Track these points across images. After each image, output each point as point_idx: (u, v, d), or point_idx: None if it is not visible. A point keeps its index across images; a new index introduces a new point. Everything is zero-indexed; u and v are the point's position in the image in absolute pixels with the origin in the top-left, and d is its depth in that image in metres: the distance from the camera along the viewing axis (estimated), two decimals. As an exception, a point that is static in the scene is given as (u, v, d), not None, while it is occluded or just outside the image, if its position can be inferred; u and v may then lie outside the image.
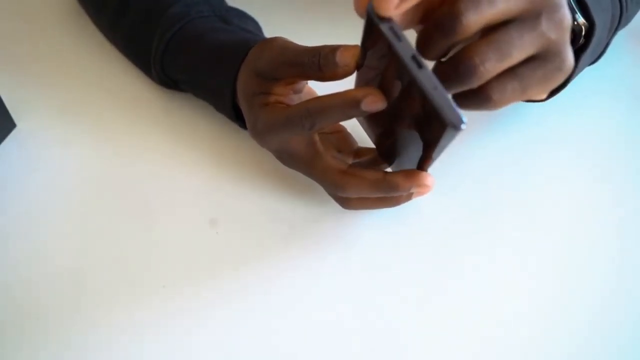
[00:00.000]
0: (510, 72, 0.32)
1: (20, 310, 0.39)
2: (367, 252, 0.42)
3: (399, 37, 0.32)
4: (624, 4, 0.45)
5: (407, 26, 0.35)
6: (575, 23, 0.40)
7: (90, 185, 0.46)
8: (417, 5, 0.33)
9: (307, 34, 0.43)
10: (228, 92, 0.44)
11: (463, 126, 0.31)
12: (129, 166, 0.47)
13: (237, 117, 0.46)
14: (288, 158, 0.42)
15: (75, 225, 0.43)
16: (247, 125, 0.42)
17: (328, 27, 0.57)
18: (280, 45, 0.40)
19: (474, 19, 0.30)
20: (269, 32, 0.49)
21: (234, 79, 0.43)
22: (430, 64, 0.32)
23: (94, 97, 0.52)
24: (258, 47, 0.42)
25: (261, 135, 0.41)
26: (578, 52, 0.42)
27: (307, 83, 0.43)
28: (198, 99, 0.50)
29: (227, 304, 0.40)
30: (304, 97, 0.43)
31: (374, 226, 0.43)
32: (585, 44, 0.42)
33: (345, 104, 0.36)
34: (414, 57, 0.31)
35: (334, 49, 0.37)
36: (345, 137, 0.45)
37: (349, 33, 0.37)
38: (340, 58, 0.36)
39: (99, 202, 0.45)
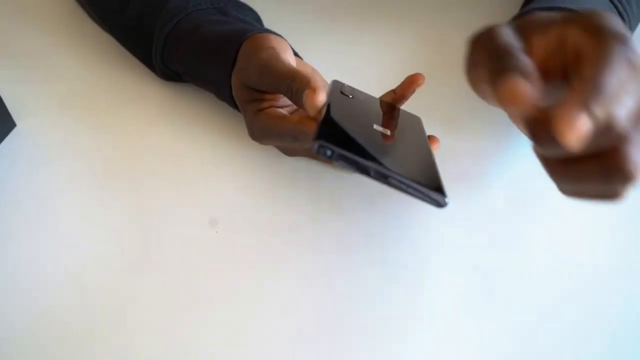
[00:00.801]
0: None
1: (20, 310, 0.39)
2: (367, 251, 0.42)
3: (357, 163, 0.34)
4: (627, 23, 0.45)
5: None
6: None
7: (90, 186, 0.46)
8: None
9: (308, 31, 0.43)
10: (227, 81, 0.45)
11: (447, 200, 0.34)
12: (129, 166, 0.47)
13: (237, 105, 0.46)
14: (292, 152, 0.44)
15: (75, 224, 0.43)
16: (246, 127, 0.43)
17: (329, 23, 0.57)
18: (263, 64, 0.41)
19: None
20: (269, 26, 0.50)
21: (231, 68, 0.44)
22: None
23: (93, 97, 0.52)
24: (246, 55, 0.43)
25: (259, 140, 0.43)
26: None
27: None
28: (198, 99, 0.50)
29: (227, 304, 0.40)
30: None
31: (375, 226, 0.43)
32: None
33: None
34: (376, 173, 0.34)
35: (303, 86, 0.38)
36: None
37: (349, 30, 0.37)
38: (305, 100, 0.37)
39: (98, 202, 0.45)
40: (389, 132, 0.40)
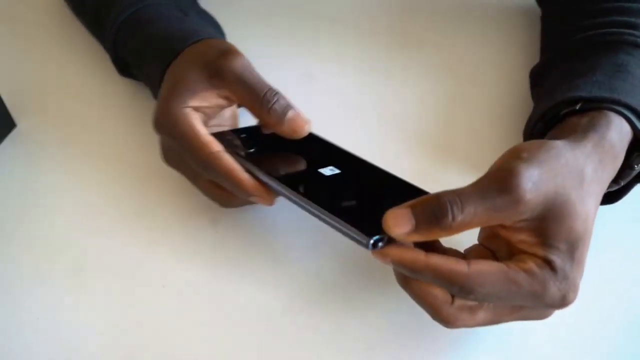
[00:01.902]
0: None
1: (20, 307, 0.39)
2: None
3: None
4: None
5: None
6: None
7: (90, 185, 0.46)
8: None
9: (306, 33, 0.43)
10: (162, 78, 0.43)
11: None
12: (129, 166, 0.47)
13: None
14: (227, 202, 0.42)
15: (76, 224, 0.43)
16: (164, 139, 0.41)
17: (329, 26, 0.57)
18: (247, 65, 0.39)
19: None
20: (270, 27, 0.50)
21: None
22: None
23: (94, 97, 0.52)
24: (217, 48, 0.40)
25: (174, 166, 0.42)
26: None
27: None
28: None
29: (227, 304, 0.39)
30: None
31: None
32: None
33: (238, 189, 0.38)
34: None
35: (287, 105, 0.38)
36: None
37: (346, 32, 0.36)
38: (290, 122, 0.38)
39: (99, 202, 0.45)
40: (336, 170, 0.39)
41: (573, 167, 0.33)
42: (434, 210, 0.30)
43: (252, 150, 0.39)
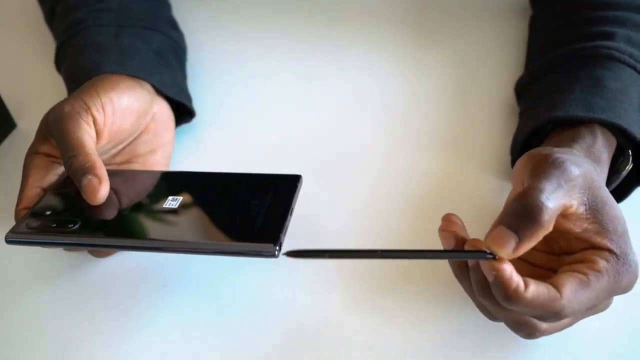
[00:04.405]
0: None
1: (20, 305, 0.39)
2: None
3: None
4: None
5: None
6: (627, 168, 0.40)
7: (90, 185, 0.46)
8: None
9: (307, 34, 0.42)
10: None
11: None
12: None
13: None
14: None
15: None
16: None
17: (327, 23, 0.57)
18: (65, 116, 0.38)
19: None
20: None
21: None
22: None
23: (93, 97, 0.52)
24: (59, 103, 0.40)
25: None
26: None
27: None
28: (199, 100, 0.50)
29: (227, 304, 0.39)
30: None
31: (370, 231, 0.43)
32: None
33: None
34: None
35: (87, 169, 0.36)
36: None
37: (346, 31, 0.36)
38: (87, 187, 0.36)
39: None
40: (178, 202, 0.38)
41: (586, 159, 0.35)
42: (524, 212, 0.30)
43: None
